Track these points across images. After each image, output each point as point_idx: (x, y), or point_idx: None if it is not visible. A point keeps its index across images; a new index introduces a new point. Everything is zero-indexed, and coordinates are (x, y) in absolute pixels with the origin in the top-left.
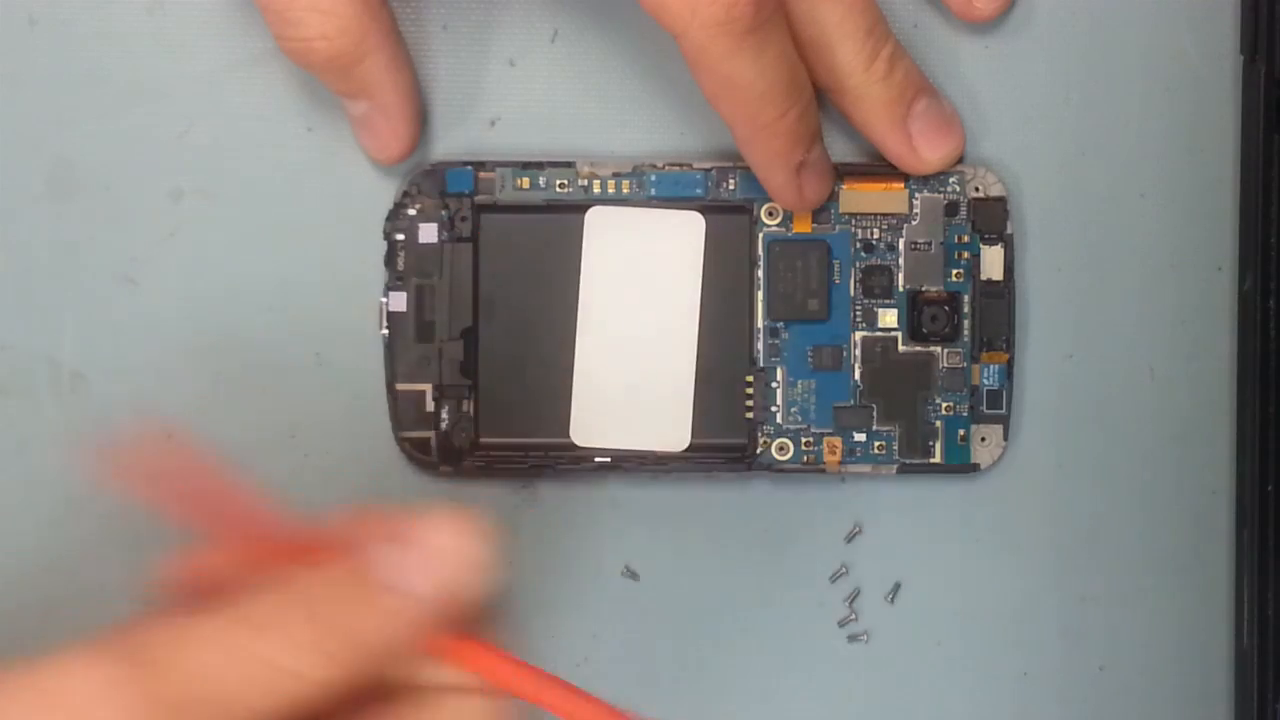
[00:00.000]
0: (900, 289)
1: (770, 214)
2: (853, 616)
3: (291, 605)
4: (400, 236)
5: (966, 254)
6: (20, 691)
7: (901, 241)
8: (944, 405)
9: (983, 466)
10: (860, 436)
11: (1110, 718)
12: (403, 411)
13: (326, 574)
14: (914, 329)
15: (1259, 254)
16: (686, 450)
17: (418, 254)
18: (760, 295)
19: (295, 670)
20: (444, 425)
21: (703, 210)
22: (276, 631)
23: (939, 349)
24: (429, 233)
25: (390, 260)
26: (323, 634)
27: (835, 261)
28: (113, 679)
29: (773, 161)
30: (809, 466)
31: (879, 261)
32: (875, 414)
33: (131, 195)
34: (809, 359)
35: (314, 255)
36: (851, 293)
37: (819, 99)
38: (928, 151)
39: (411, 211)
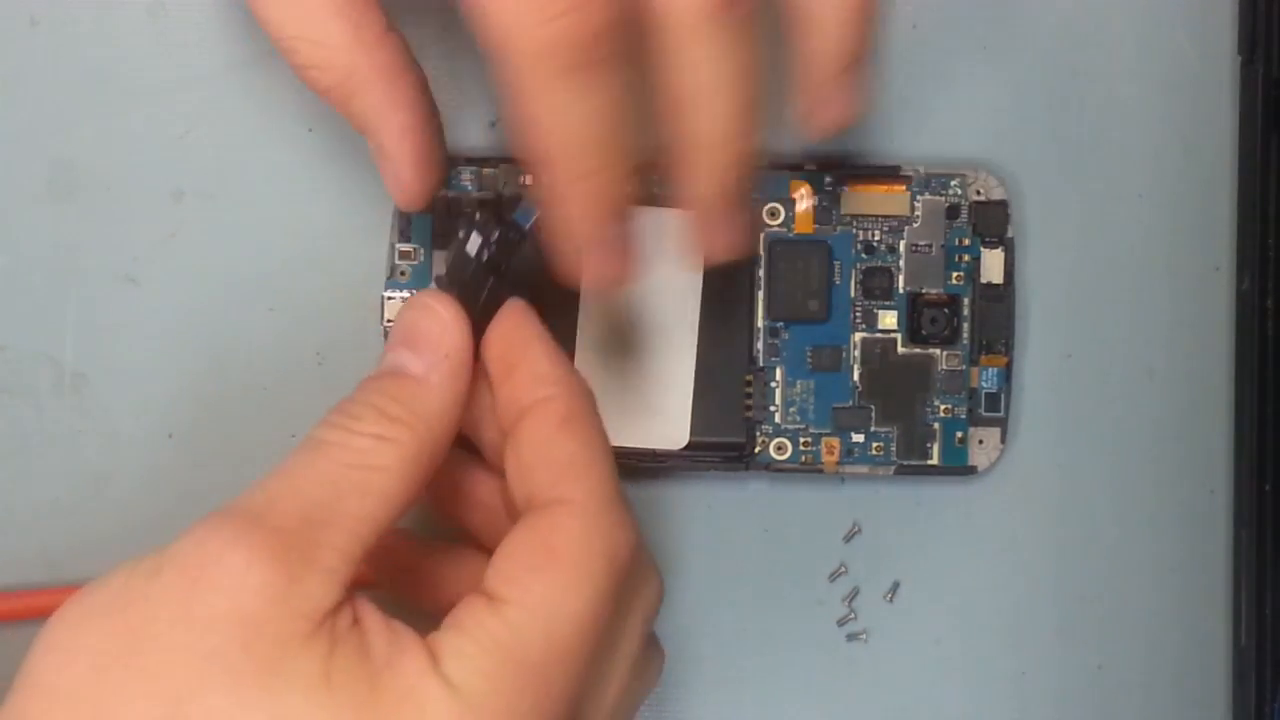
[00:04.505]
0: (900, 291)
1: (771, 214)
2: (851, 615)
3: None
4: (461, 234)
5: (967, 257)
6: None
7: (902, 243)
8: (942, 407)
9: (980, 469)
10: (858, 437)
11: (1108, 717)
12: None
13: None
14: (913, 331)
15: (1257, 254)
16: (685, 448)
17: (460, 261)
18: (760, 295)
19: None
20: None
21: None
22: None
23: (938, 351)
24: (474, 243)
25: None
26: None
27: (836, 262)
28: None
29: (563, 223)
30: (807, 466)
31: (879, 263)
32: (873, 415)
33: (132, 195)
34: (808, 359)
35: (314, 255)
36: (852, 294)
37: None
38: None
39: (478, 215)
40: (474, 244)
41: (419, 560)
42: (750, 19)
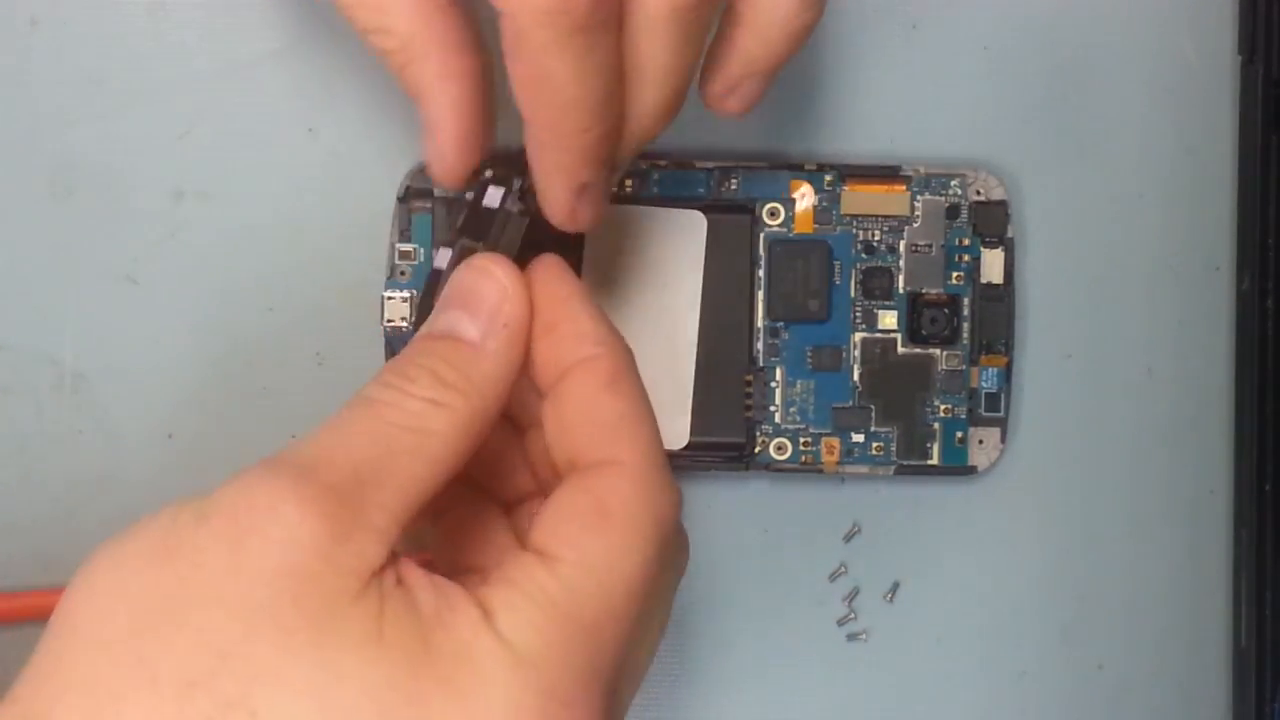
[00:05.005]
0: (900, 291)
1: (772, 214)
2: (852, 615)
3: None
4: (468, 195)
5: (967, 257)
6: None
7: (902, 243)
8: (942, 407)
9: (980, 469)
10: (858, 437)
11: (1108, 716)
12: None
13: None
14: (913, 331)
15: (1257, 254)
16: (685, 448)
17: (477, 215)
18: (761, 295)
19: None
20: None
21: (705, 209)
22: None
23: (938, 351)
24: (494, 196)
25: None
26: None
27: (836, 262)
28: None
29: (558, 174)
30: (807, 466)
31: (880, 263)
32: (873, 415)
33: (131, 195)
34: (808, 359)
35: (314, 255)
36: (852, 294)
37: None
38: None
39: (488, 173)
40: (494, 196)
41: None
42: (710, 21)
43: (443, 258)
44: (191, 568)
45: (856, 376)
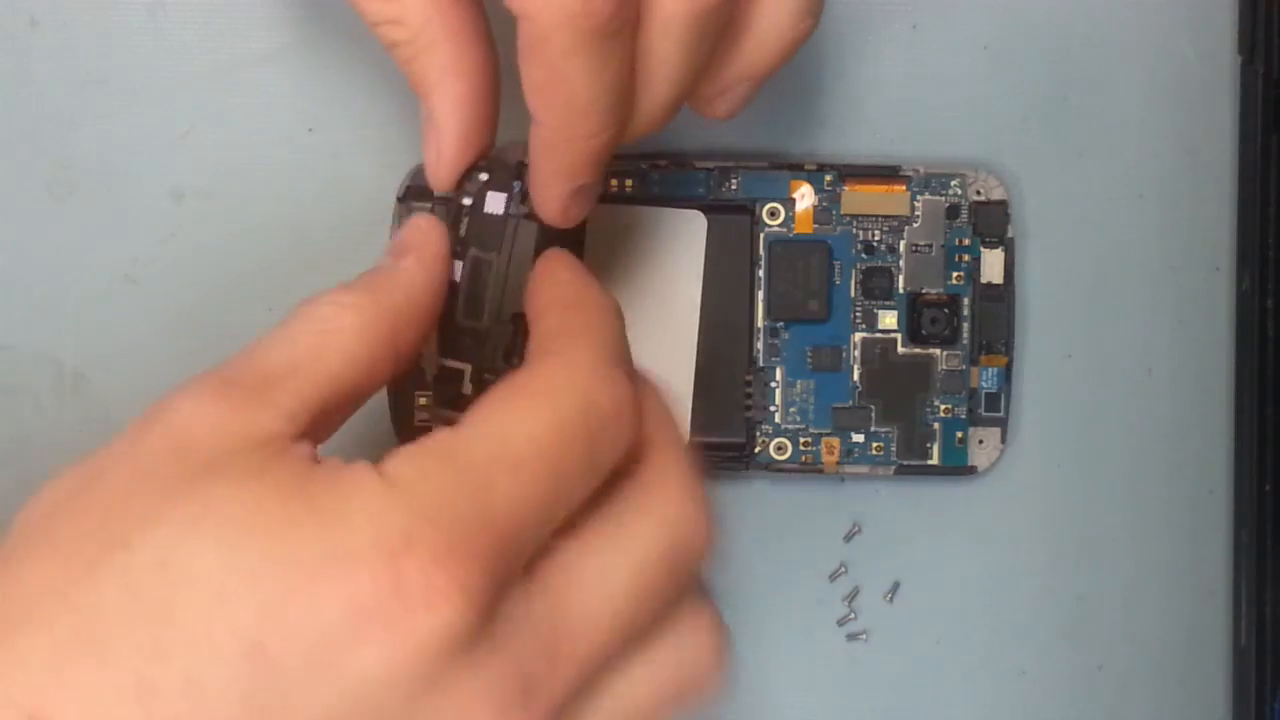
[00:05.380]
0: (900, 291)
1: (771, 214)
2: (852, 615)
3: None
4: (467, 201)
5: (967, 257)
6: None
7: (902, 243)
8: (942, 407)
9: (980, 469)
10: (858, 437)
11: (1108, 716)
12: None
13: None
14: (913, 331)
15: (1257, 254)
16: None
17: (481, 223)
18: (760, 295)
19: None
20: None
21: (704, 209)
22: None
23: (938, 351)
24: (496, 202)
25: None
26: None
27: (836, 262)
28: None
29: (559, 175)
30: (807, 466)
31: (879, 263)
32: (873, 415)
33: (132, 195)
34: (808, 359)
35: (314, 255)
36: (852, 294)
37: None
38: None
39: (483, 177)
40: (495, 202)
41: None
42: (725, 24)
43: (455, 270)
44: (99, 462)
45: (856, 376)
